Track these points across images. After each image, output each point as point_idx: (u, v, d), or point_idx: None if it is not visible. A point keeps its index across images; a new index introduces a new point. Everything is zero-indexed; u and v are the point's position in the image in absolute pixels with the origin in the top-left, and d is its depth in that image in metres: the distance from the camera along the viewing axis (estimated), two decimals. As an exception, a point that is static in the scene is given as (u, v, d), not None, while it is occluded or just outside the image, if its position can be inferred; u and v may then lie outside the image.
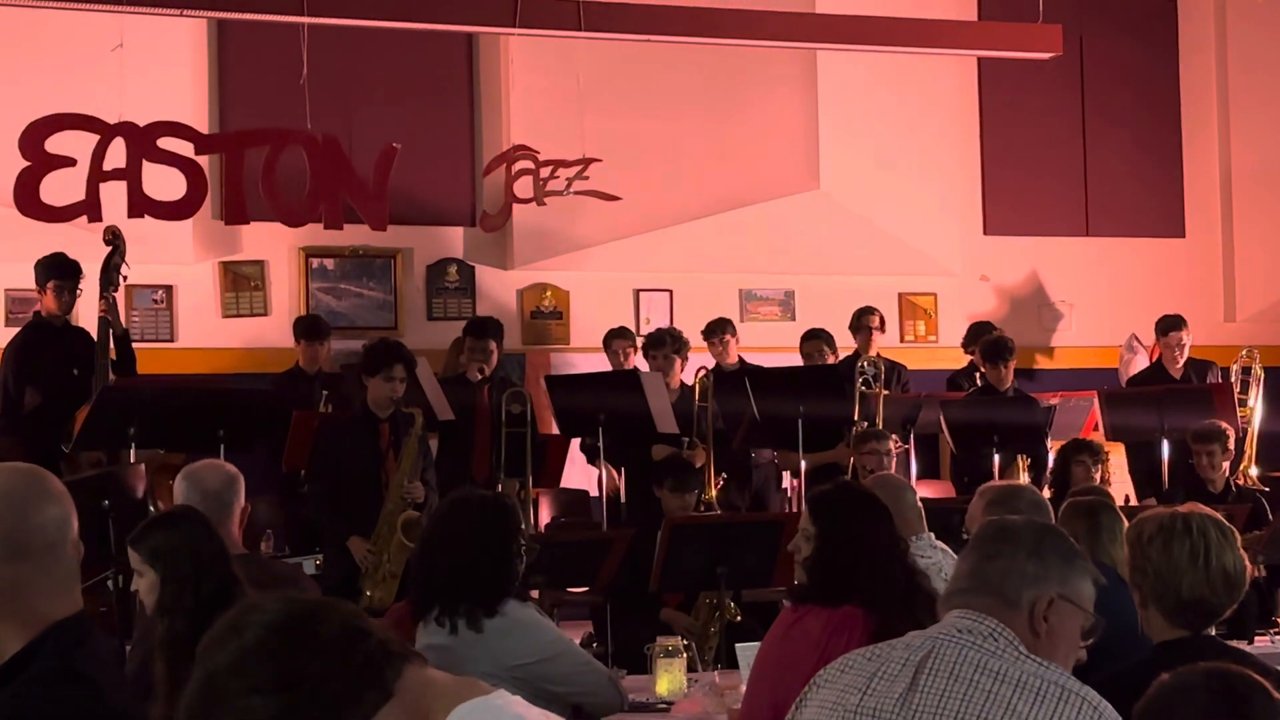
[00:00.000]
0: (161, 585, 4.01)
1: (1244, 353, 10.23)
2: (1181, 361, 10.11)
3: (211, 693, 1.84)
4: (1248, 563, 3.51)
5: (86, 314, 8.60)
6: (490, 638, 4.25)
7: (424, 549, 4.53)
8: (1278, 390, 10.41)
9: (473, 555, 4.30)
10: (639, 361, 9.50)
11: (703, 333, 9.66)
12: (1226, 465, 8.41)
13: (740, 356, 9.68)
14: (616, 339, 9.77)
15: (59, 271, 8.29)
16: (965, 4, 11.68)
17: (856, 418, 8.97)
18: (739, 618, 6.68)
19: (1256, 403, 10.01)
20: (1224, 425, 8.47)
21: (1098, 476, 8.18)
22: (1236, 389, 9.83)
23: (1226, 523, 3.51)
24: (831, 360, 9.43)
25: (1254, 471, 9.54)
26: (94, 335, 8.40)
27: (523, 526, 4.55)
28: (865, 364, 9.43)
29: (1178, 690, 2.38)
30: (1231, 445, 8.48)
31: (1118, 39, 12.32)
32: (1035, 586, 2.77)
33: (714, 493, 8.57)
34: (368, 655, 1.87)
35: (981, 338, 10.01)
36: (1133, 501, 8.91)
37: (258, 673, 1.84)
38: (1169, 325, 10.14)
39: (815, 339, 9.61)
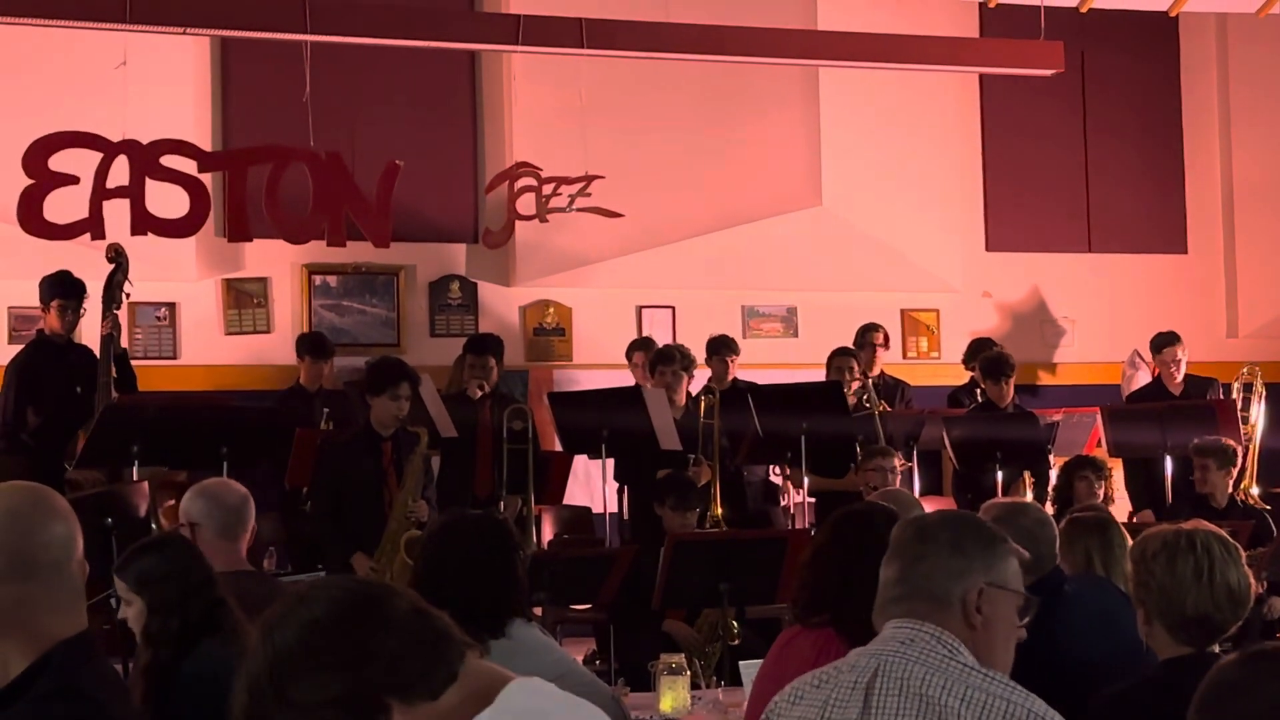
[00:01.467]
0: (148, 613, 3.96)
1: (1245, 370, 10.22)
2: (1179, 377, 10.10)
3: (282, 667, 1.85)
4: (1252, 579, 3.51)
5: (90, 332, 8.60)
6: (497, 660, 4.21)
7: (421, 580, 4.44)
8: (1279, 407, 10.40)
9: (471, 580, 4.23)
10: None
11: (710, 346, 9.62)
12: (1230, 482, 8.40)
13: (735, 376, 9.66)
14: (637, 350, 9.75)
15: (63, 291, 8.30)
16: (967, 21, 11.70)
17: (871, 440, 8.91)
18: (737, 641, 6.67)
19: (1258, 420, 10.00)
20: (1228, 441, 8.47)
21: (1101, 493, 8.18)
22: (1238, 406, 9.82)
23: (1230, 539, 3.50)
24: (860, 379, 9.40)
25: (1255, 490, 9.52)
26: (97, 353, 8.40)
27: (516, 541, 4.49)
28: (861, 385, 9.39)
29: (1235, 684, 2.28)
30: (1239, 461, 8.48)
31: (1119, 56, 12.34)
32: (963, 581, 2.77)
33: (720, 510, 8.56)
34: (436, 634, 1.89)
35: (981, 354, 10.00)
36: (1130, 518, 8.91)
37: (330, 648, 1.85)
38: (1163, 342, 10.14)
39: (843, 356, 9.56)
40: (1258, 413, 10.04)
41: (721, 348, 9.60)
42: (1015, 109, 12.08)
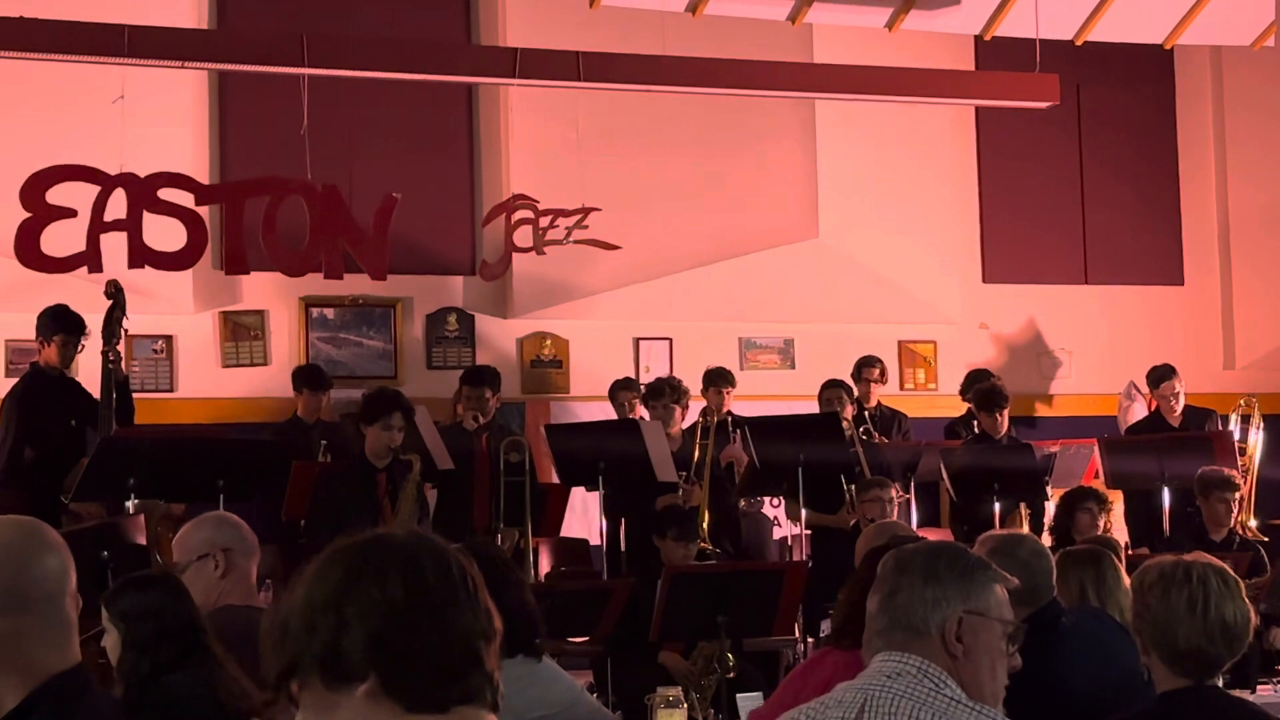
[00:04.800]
0: (122, 649, 3.94)
1: (1243, 401, 10.21)
2: (1179, 410, 10.10)
3: (350, 582, 1.85)
4: (1252, 612, 3.48)
5: (84, 367, 8.59)
6: (510, 686, 4.18)
7: None
8: (1277, 438, 10.39)
9: None
10: (643, 412, 9.49)
11: (706, 379, 9.64)
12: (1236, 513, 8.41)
13: (730, 409, 9.67)
14: (622, 390, 9.78)
15: (67, 326, 8.26)
16: (963, 54, 11.73)
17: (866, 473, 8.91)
18: (732, 674, 6.65)
19: (1256, 451, 9.98)
20: (1232, 473, 8.47)
21: (1102, 524, 8.16)
22: (1236, 437, 9.82)
23: (1231, 572, 3.48)
24: (850, 411, 9.41)
25: (1253, 522, 9.52)
26: (89, 387, 8.38)
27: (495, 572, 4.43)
28: (856, 418, 9.38)
29: None
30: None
31: (1115, 88, 12.38)
32: (939, 610, 2.75)
33: (706, 524, 8.55)
34: (469, 662, 1.87)
35: (975, 386, 10.00)
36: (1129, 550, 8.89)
37: (398, 602, 1.84)
38: (1160, 376, 10.14)
39: (835, 388, 9.56)
40: (1255, 444, 10.03)
41: (717, 379, 9.61)
42: (1011, 141, 12.11)
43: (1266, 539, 8.87)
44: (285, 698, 1.86)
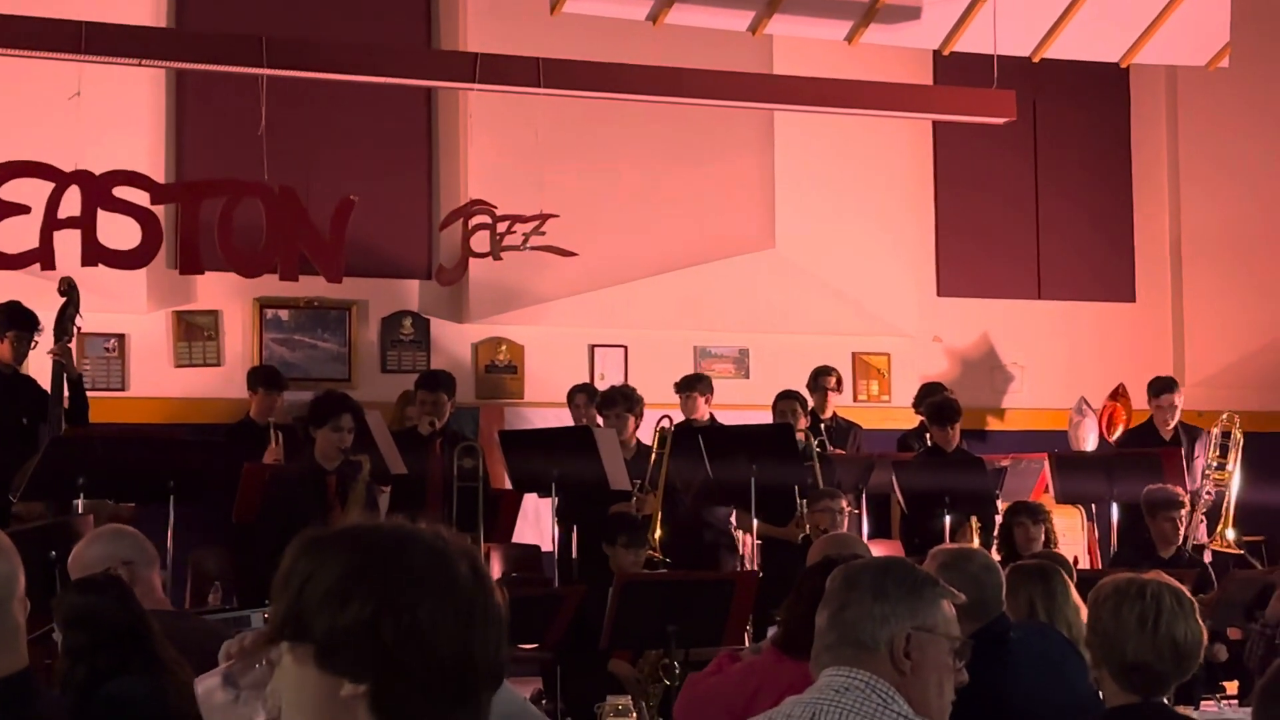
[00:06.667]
0: (61, 652, 3.90)
1: (1224, 416, 10.27)
2: (1173, 423, 10.16)
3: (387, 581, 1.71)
4: (1204, 633, 3.50)
5: (35, 364, 8.53)
6: None
7: None
8: (1247, 455, 10.42)
9: None
10: (598, 418, 9.50)
11: (678, 386, 9.69)
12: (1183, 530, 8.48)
13: (711, 414, 9.70)
14: (579, 393, 9.79)
15: (20, 322, 8.20)
16: (921, 68, 11.80)
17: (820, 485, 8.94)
18: (676, 683, 6.65)
19: (1235, 467, 10.03)
20: (1177, 489, 8.54)
21: (1040, 538, 8.21)
22: (1216, 453, 9.89)
23: (1186, 593, 3.51)
24: (804, 422, 9.44)
25: (1230, 534, 9.59)
26: (42, 383, 8.32)
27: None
28: (810, 430, 9.41)
29: None
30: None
31: (1070, 105, 12.47)
32: (888, 626, 2.77)
33: (660, 533, 8.56)
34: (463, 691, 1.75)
35: (927, 400, 10.05)
36: (1081, 564, 8.94)
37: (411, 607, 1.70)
38: (1161, 388, 10.20)
39: (789, 399, 9.61)
40: (1234, 460, 10.07)
41: (684, 386, 9.64)
42: (968, 156, 12.18)
43: (1242, 551, 8.95)
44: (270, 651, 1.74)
